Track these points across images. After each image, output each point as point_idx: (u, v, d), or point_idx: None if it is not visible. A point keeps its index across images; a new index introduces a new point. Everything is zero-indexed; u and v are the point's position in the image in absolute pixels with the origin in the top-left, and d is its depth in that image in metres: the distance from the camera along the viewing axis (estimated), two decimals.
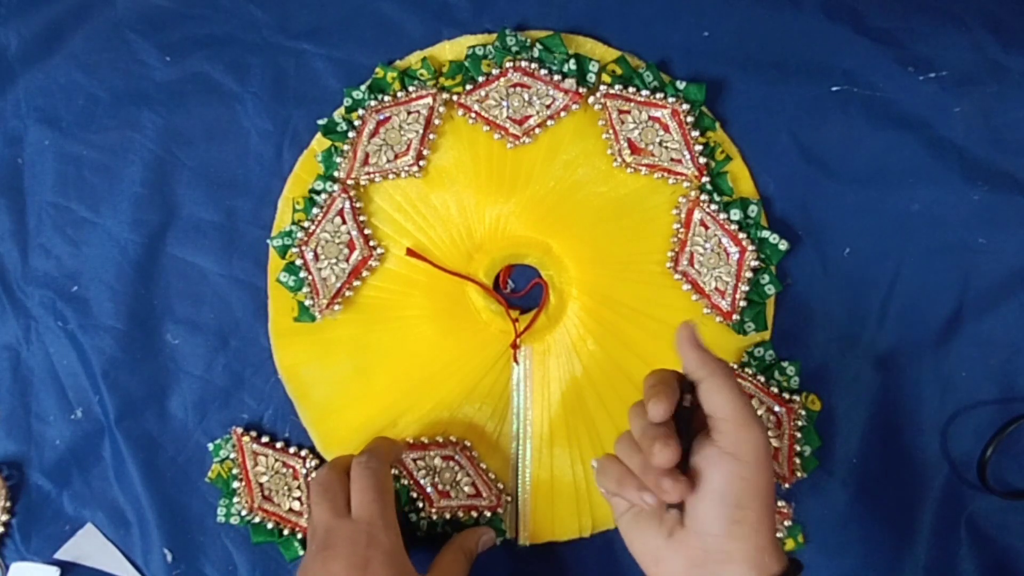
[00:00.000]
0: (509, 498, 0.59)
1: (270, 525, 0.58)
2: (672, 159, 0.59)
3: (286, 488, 0.58)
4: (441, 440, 0.59)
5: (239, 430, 0.59)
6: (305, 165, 0.61)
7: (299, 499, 0.58)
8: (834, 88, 0.61)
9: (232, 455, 0.59)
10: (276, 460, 0.59)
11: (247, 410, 0.60)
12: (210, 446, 0.59)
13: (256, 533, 0.58)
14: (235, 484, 0.58)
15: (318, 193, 0.60)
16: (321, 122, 0.60)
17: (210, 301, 0.60)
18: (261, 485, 0.58)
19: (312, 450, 0.59)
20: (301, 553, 0.58)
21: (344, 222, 0.59)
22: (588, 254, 0.60)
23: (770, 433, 0.58)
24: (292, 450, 0.59)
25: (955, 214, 0.60)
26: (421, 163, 0.59)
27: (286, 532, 0.58)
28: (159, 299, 0.60)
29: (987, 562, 0.58)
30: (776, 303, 0.60)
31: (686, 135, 0.59)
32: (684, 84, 0.60)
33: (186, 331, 0.60)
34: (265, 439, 0.59)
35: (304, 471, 0.58)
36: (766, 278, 0.59)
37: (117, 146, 0.61)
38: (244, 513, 0.58)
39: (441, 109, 0.59)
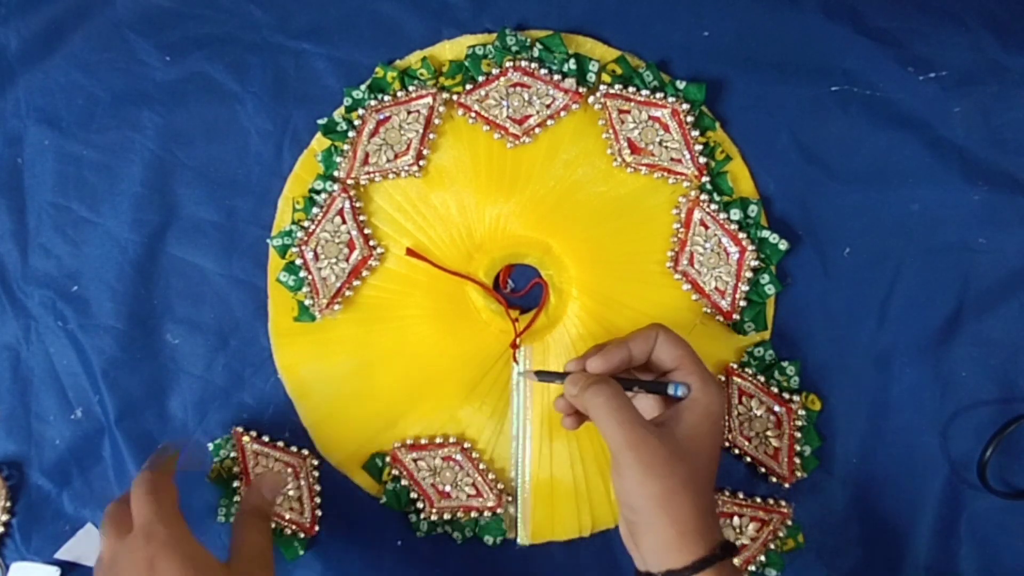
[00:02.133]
0: (509, 498, 0.59)
1: (271, 525, 0.58)
2: (672, 159, 0.59)
3: (286, 488, 0.58)
4: (441, 440, 0.59)
5: (239, 430, 0.59)
6: (305, 165, 0.61)
7: (299, 499, 0.58)
8: (834, 88, 0.61)
9: (232, 455, 0.59)
10: (276, 460, 0.59)
11: (247, 410, 0.60)
12: (210, 446, 0.59)
13: None
14: (235, 484, 0.58)
15: (318, 193, 0.60)
16: (321, 122, 0.60)
17: (210, 301, 0.60)
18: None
19: (312, 450, 0.59)
20: (301, 553, 0.58)
21: (344, 222, 0.59)
22: (588, 254, 0.60)
23: (769, 433, 0.58)
24: (293, 449, 0.59)
25: (955, 214, 0.60)
26: (421, 163, 0.59)
27: (287, 532, 0.58)
28: (159, 299, 0.60)
29: (987, 562, 0.58)
30: (776, 303, 0.60)
31: (686, 135, 0.59)
32: (684, 84, 0.60)
33: (186, 331, 0.60)
34: (265, 439, 0.59)
35: (304, 470, 0.58)
36: (766, 278, 0.59)
37: (117, 146, 0.61)
38: None
39: (441, 109, 0.59)
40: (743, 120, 0.61)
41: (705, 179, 0.59)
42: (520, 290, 0.61)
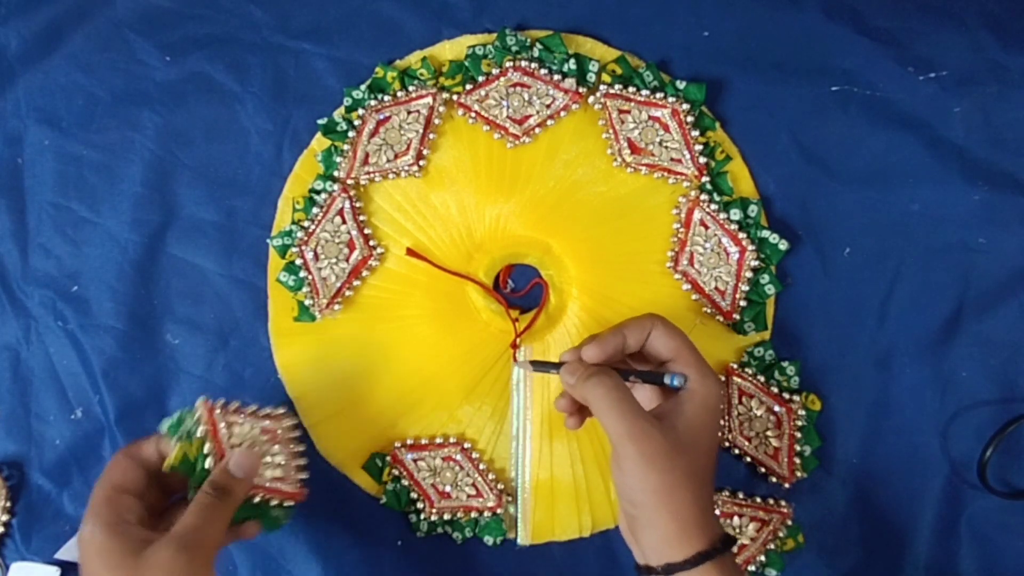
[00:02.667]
0: (509, 498, 0.59)
1: (256, 499, 0.50)
2: (672, 159, 0.59)
3: (269, 456, 0.51)
4: (441, 440, 0.59)
5: (209, 400, 0.50)
6: (305, 165, 0.61)
7: (281, 465, 0.51)
8: (834, 88, 0.61)
9: (200, 428, 0.48)
10: (252, 427, 0.51)
11: None
12: (166, 423, 0.49)
13: (239, 510, 0.49)
14: (208, 463, 0.48)
15: (318, 193, 0.60)
16: (321, 122, 0.60)
17: (210, 301, 0.60)
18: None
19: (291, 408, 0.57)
20: (285, 522, 0.52)
21: (344, 222, 0.59)
22: (588, 254, 0.60)
23: (769, 433, 0.58)
24: (266, 410, 0.52)
25: (955, 214, 0.60)
26: (421, 163, 0.59)
27: (273, 503, 0.50)
28: (159, 299, 0.60)
29: (987, 562, 0.58)
30: (776, 303, 0.60)
31: (686, 135, 0.59)
32: (684, 84, 0.60)
33: (186, 331, 0.60)
34: (233, 405, 0.51)
35: (282, 433, 0.52)
36: (766, 278, 0.59)
37: (117, 146, 0.61)
38: None
39: (441, 109, 0.59)
40: (743, 120, 0.61)
41: (705, 179, 0.59)
42: (520, 290, 0.61)
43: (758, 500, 0.58)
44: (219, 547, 0.47)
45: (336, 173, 0.59)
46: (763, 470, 0.58)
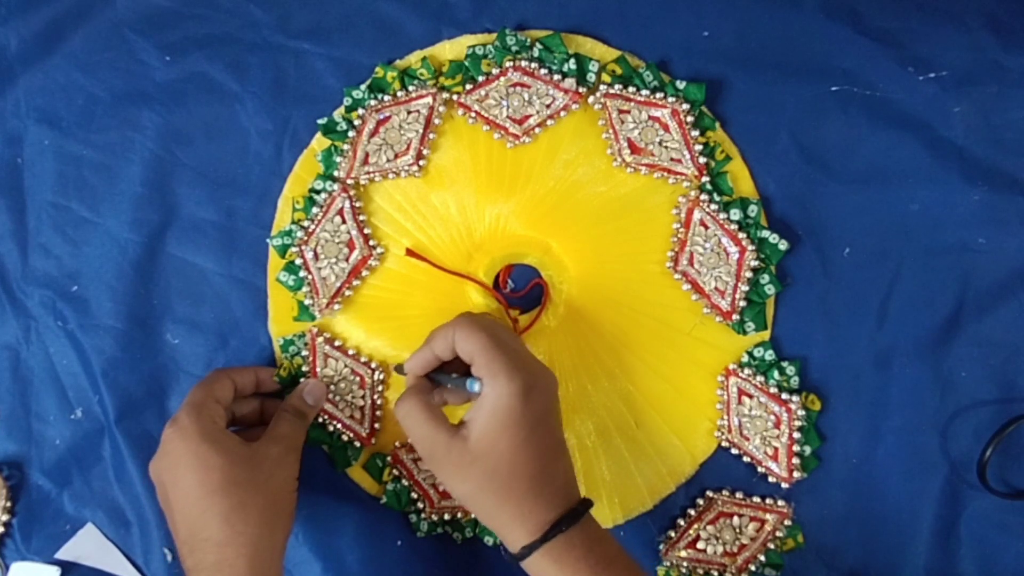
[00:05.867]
0: None
1: (331, 428, 0.58)
2: (672, 159, 0.59)
3: (351, 396, 0.59)
4: None
5: (314, 330, 0.59)
6: (305, 164, 0.61)
7: (361, 408, 0.59)
8: (834, 88, 0.61)
9: (303, 352, 0.59)
10: (346, 366, 0.59)
11: None
12: (280, 340, 0.59)
13: (313, 430, 0.58)
14: (302, 381, 0.59)
15: (318, 192, 0.60)
16: (321, 121, 0.60)
17: (210, 301, 0.60)
18: (327, 388, 0.59)
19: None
20: (353, 463, 0.59)
21: (344, 221, 0.59)
22: (588, 254, 0.60)
23: (769, 433, 0.58)
24: (363, 359, 0.59)
25: (955, 214, 0.60)
26: (421, 163, 0.59)
27: (344, 438, 0.59)
28: (159, 299, 0.60)
29: (987, 562, 0.58)
30: (776, 303, 0.60)
31: (686, 135, 0.59)
32: (684, 84, 0.60)
33: (186, 331, 0.60)
34: (338, 343, 0.59)
35: (371, 382, 0.59)
36: (766, 278, 0.59)
37: (117, 146, 0.61)
38: None
39: (441, 109, 0.59)
40: (743, 120, 0.61)
41: (705, 179, 0.59)
42: (520, 290, 0.61)
43: (757, 500, 0.58)
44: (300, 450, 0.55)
45: (336, 173, 0.60)
46: (763, 470, 0.58)
